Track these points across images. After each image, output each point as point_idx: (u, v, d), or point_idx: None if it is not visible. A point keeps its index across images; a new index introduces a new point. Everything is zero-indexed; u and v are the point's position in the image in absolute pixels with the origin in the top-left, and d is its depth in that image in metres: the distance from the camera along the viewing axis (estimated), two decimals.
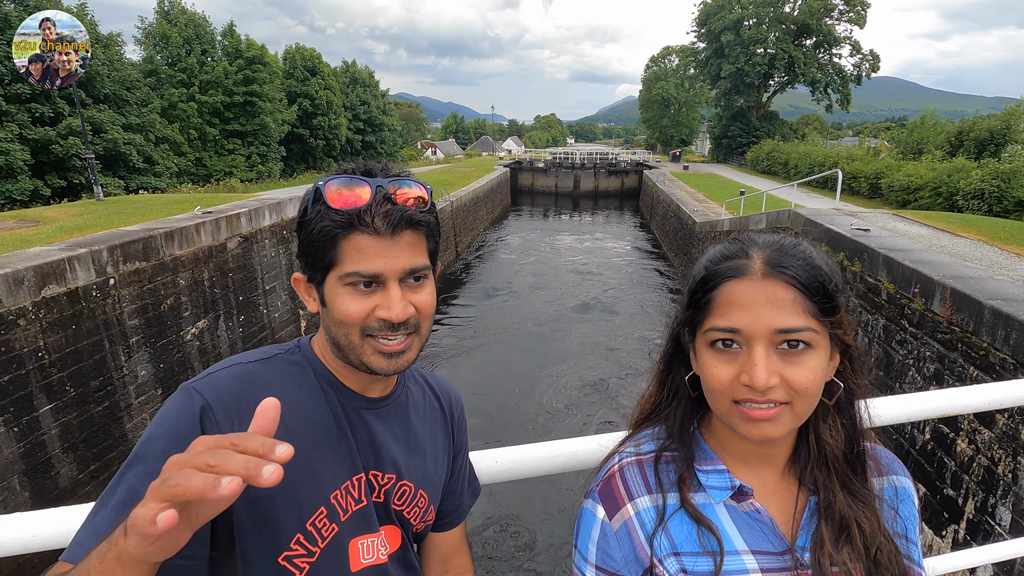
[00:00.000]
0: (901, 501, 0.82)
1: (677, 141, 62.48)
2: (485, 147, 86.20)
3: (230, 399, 0.79)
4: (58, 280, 5.66)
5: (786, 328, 0.69)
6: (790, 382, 0.69)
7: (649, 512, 0.78)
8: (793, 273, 0.70)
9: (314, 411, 0.85)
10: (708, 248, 0.82)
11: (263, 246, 9.63)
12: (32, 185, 18.35)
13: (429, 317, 0.86)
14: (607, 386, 10.91)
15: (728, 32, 40.63)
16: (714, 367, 0.73)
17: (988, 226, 7.83)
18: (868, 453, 0.81)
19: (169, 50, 27.81)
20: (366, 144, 43.07)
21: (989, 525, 3.92)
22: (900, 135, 25.79)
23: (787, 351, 0.70)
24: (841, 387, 0.78)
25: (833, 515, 0.75)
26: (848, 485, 0.77)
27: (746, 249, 0.75)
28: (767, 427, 0.70)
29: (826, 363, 0.73)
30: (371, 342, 0.82)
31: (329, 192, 0.79)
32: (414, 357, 0.86)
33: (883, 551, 0.74)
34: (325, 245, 0.79)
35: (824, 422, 0.78)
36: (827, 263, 0.74)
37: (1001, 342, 4.02)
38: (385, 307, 0.80)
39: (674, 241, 21.06)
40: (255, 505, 0.78)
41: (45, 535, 0.83)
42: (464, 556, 1.10)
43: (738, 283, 0.72)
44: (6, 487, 5.07)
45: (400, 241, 0.80)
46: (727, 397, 0.72)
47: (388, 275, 0.79)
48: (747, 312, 0.70)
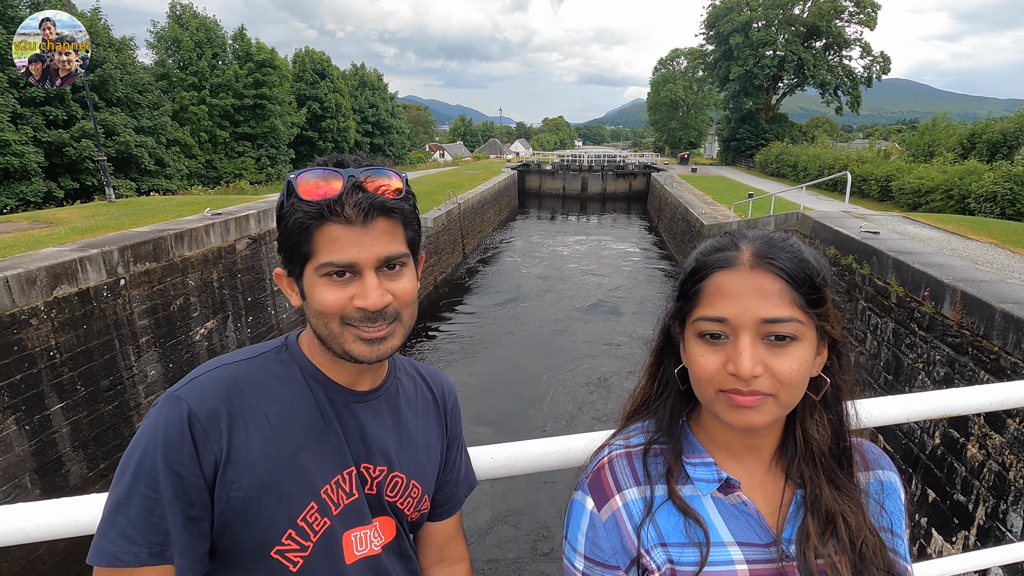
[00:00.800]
0: (887, 496, 0.82)
1: (685, 143, 62.28)
2: (493, 149, 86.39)
3: (215, 404, 0.80)
4: (70, 280, 5.73)
5: (772, 318, 0.70)
6: (775, 372, 0.70)
7: (637, 503, 0.79)
8: (780, 264, 0.72)
9: (300, 408, 0.86)
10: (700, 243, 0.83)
11: (272, 247, 9.70)
12: (46, 187, 18.65)
13: (409, 304, 0.86)
14: (613, 386, 10.88)
15: (737, 34, 40.45)
16: (701, 356, 0.74)
17: (1000, 229, 7.74)
18: (855, 447, 0.81)
19: (181, 54, 28.18)
20: (374, 146, 43.34)
21: (1000, 531, 3.87)
22: (911, 137, 25.54)
23: (773, 342, 0.71)
24: (828, 382, 0.78)
25: (819, 509, 0.76)
26: (834, 480, 0.78)
27: (736, 242, 0.76)
28: (751, 415, 0.71)
29: (812, 356, 0.74)
30: (351, 330, 0.82)
31: (301, 184, 0.79)
32: (398, 344, 0.86)
33: (868, 544, 0.74)
34: (300, 237, 0.80)
35: (811, 417, 0.79)
36: (815, 256, 0.75)
37: (1012, 346, 3.97)
38: (362, 296, 0.80)
39: (682, 244, 20.97)
40: (244, 503, 0.79)
41: (47, 525, 0.85)
42: (460, 544, 1.11)
43: (726, 273, 0.73)
44: (18, 484, 5.14)
45: (373, 229, 0.79)
46: (713, 386, 0.73)
47: (363, 264, 0.79)
48: (734, 302, 0.71)
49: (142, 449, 0.76)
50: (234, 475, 0.78)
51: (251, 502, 0.79)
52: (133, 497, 0.74)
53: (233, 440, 0.79)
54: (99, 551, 0.74)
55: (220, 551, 0.81)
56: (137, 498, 0.73)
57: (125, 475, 0.75)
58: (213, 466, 0.77)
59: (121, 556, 0.73)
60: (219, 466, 0.77)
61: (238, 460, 0.78)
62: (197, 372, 0.83)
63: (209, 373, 0.83)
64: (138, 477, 0.74)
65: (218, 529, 0.79)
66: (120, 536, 0.73)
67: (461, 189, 24.56)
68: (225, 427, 0.79)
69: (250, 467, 0.79)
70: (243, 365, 0.86)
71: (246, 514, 0.79)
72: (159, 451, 0.75)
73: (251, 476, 0.79)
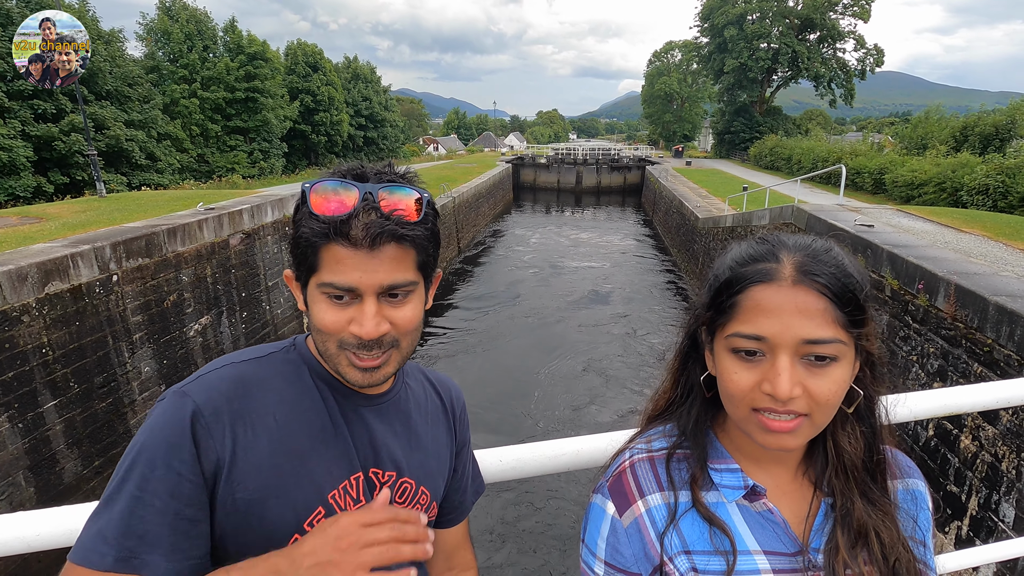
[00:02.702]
0: (920, 508, 0.81)
1: (680, 137, 62.28)
2: (487, 143, 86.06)
3: (220, 401, 0.78)
4: (61, 277, 5.67)
5: (814, 339, 0.66)
6: (813, 394, 0.67)
7: (660, 510, 0.77)
8: (824, 281, 0.67)
9: (309, 411, 0.84)
10: (732, 246, 0.78)
11: (265, 242, 9.64)
12: (35, 182, 18.39)
13: (409, 333, 0.83)
14: (611, 383, 10.92)
15: (731, 27, 40.42)
16: (734, 373, 0.70)
17: (993, 222, 7.79)
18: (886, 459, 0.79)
19: (171, 46, 27.79)
20: (368, 140, 43.01)
21: (992, 522, 3.91)
22: (904, 130, 25.66)
23: (812, 363, 0.68)
24: (861, 394, 0.76)
25: (851, 522, 0.74)
26: (867, 493, 0.76)
27: (775, 252, 0.71)
28: (786, 439, 0.69)
29: (851, 375, 0.71)
30: (347, 355, 0.80)
31: (313, 197, 0.76)
32: (392, 371, 0.84)
33: (902, 561, 0.73)
34: (307, 250, 0.78)
35: (843, 429, 0.76)
36: (859, 271, 0.71)
37: (1006, 338, 4.00)
38: (358, 323, 0.77)
39: (677, 237, 21.02)
40: (249, 505, 0.77)
41: (48, 534, 0.83)
42: (467, 552, 1.10)
43: (766, 288, 0.69)
44: (11, 483, 5.10)
45: (380, 255, 0.76)
46: (746, 405, 0.70)
47: (364, 289, 0.76)
48: (774, 320, 0.67)
49: (140, 445, 0.74)
50: (240, 476, 0.76)
51: (257, 504, 0.77)
52: (121, 494, 0.72)
53: (239, 440, 0.77)
54: (78, 544, 0.72)
55: (226, 555, 0.79)
56: (124, 496, 0.71)
57: (120, 470, 0.74)
58: (214, 465, 0.75)
59: (88, 556, 0.70)
60: (222, 466, 0.76)
61: (244, 461, 0.77)
62: (205, 369, 0.82)
63: (217, 371, 0.81)
64: (130, 474, 0.72)
65: (223, 532, 0.77)
66: (96, 534, 0.71)
67: (456, 183, 24.47)
68: (231, 426, 0.77)
69: (256, 468, 0.77)
70: (252, 364, 0.84)
71: (251, 517, 0.77)
72: (158, 448, 0.73)
73: (257, 478, 0.77)
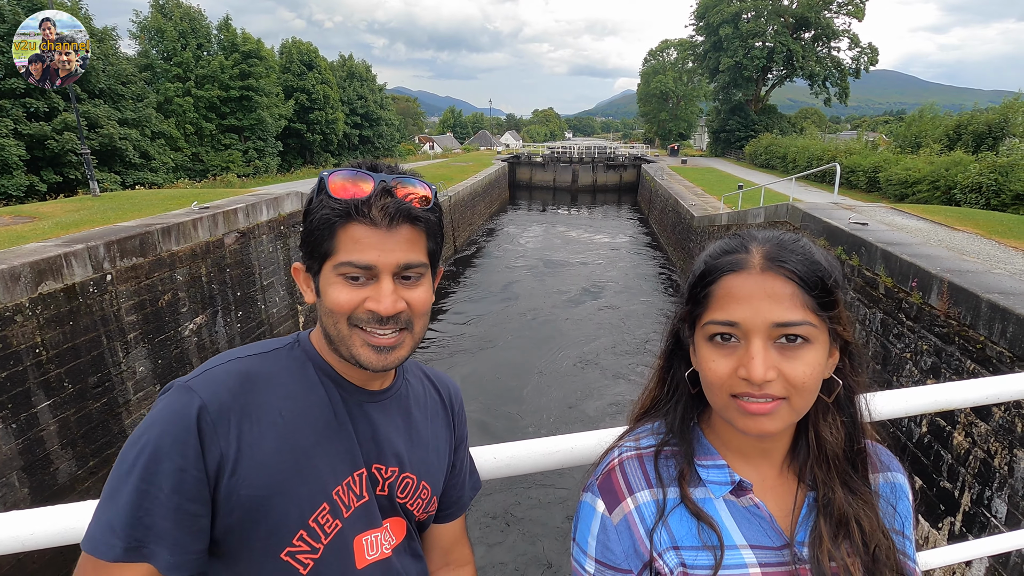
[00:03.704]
0: (898, 498, 0.83)
1: (675, 135, 62.36)
2: (483, 141, 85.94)
3: (226, 397, 0.78)
4: (55, 276, 5.64)
5: (784, 322, 0.69)
6: (788, 376, 0.69)
7: (649, 506, 0.78)
8: (791, 267, 0.71)
9: (314, 406, 0.85)
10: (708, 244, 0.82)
11: (260, 241, 9.61)
12: (28, 181, 18.27)
13: (422, 315, 0.86)
14: (605, 379, 10.95)
15: (727, 25, 40.47)
16: (712, 361, 0.73)
17: (986, 220, 7.83)
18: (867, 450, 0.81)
19: (164, 44, 27.64)
20: (363, 139, 42.89)
21: (985, 517, 3.95)
22: (898, 129, 25.77)
23: (785, 345, 0.70)
24: (840, 384, 0.78)
25: (832, 512, 0.76)
26: (848, 483, 0.78)
27: (745, 244, 0.75)
28: (764, 422, 0.71)
29: (824, 359, 0.73)
30: (360, 333, 0.82)
31: (333, 182, 0.80)
32: (406, 355, 0.86)
33: (881, 548, 0.75)
34: (323, 234, 0.80)
35: (824, 419, 0.78)
36: (826, 258, 0.75)
37: (998, 335, 4.03)
38: (375, 299, 0.80)
39: (672, 235, 21.06)
40: (254, 501, 0.77)
41: (43, 533, 0.83)
42: (465, 548, 1.11)
43: (736, 277, 0.72)
44: (5, 483, 5.07)
45: (397, 235, 0.80)
46: (725, 391, 0.72)
47: (382, 268, 0.80)
48: (745, 306, 0.70)
49: (145, 438, 0.74)
50: (245, 472, 0.77)
51: (261, 500, 0.78)
52: (127, 486, 0.72)
53: (245, 437, 0.77)
54: (87, 535, 0.74)
55: (228, 551, 0.79)
56: (130, 488, 0.72)
57: (124, 462, 0.74)
58: (218, 461, 0.76)
59: (99, 546, 0.72)
60: (226, 462, 0.76)
61: (250, 458, 0.77)
62: (210, 364, 0.82)
63: (223, 366, 0.82)
64: (135, 467, 0.73)
65: (226, 527, 0.78)
66: (105, 525, 0.73)
67: (451, 181, 24.43)
68: (236, 423, 0.77)
69: (262, 464, 0.78)
70: (256, 359, 0.85)
71: (256, 513, 0.78)
72: (163, 442, 0.73)
73: (262, 474, 0.78)
